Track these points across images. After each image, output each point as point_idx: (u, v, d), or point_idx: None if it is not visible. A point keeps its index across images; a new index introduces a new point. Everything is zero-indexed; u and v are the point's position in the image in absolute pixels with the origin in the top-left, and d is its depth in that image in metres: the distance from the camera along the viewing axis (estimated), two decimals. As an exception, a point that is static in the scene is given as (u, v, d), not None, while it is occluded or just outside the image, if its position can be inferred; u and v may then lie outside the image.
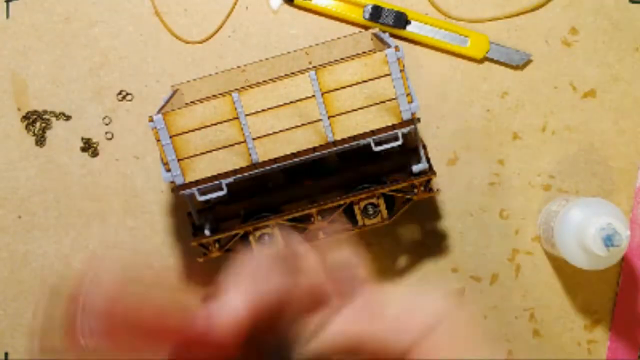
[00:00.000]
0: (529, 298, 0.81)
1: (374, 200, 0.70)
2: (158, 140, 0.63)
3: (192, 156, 0.63)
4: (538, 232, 0.80)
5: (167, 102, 0.70)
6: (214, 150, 0.63)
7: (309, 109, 0.63)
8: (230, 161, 0.64)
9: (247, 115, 0.63)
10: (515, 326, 0.81)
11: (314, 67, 0.78)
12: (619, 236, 0.67)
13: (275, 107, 0.63)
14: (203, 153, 0.63)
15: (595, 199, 0.73)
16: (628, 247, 0.78)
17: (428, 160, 0.72)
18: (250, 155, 0.64)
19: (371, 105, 0.64)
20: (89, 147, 0.81)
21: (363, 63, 0.63)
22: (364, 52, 0.78)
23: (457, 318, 0.42)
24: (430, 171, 0.71)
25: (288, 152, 0.64)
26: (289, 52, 0.78)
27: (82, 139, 0.81)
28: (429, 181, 0.70)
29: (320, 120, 0.64)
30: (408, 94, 0.64)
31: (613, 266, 0.73)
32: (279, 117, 0.63)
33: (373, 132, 0.64)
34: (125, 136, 0.81)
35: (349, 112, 0.64)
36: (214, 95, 0.78)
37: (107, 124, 0.81)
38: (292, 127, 0.64)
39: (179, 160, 0.63)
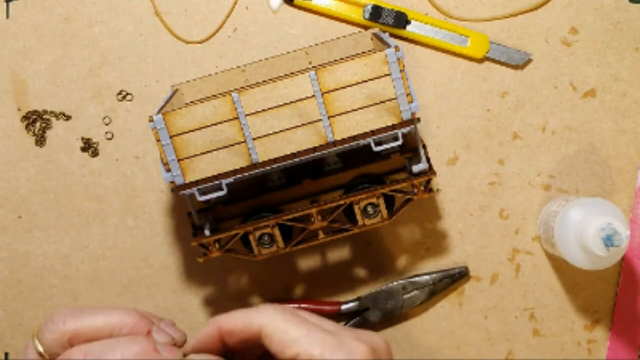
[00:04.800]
0: (529, 298, 0.81)
1: (374, 200, 0.70)
2: (158, 140, 0.62)
3: (192, 156, 0.63)
4: (538, 232, 0.80)
5: (167, 102, 0.70)
6: (214, 150, 0.63)
7: (309, 109, 0.63)
8: (230, 161, 0.64)
9: (247, 115, 0.63)
10: (515, 326, 0.81)
11: (314, 67, 0.78)
12: (619, 236, 0.67)
13: (275, 107, 0.63)
14: (203, 153, 0.63)
15: (595, 199, 0.73)
16: (628, 247, 0.78)
17: (428, 160, 0.72)
18: (250, 155, 0.64)
19: (371, 105, 0.64)
20: (89, 147, 0.81)
21: (363, 63, 0.63)
22: (364, 52, 0.78)
23: None
24: (430, 171, 0.71)
25: (288, 152, 0.64)
26: (289, 52, 0.78)
27: (82, 138, 0.81)
28: (429, 181, 0.70)
29: (320, 120, 0.63)
30: (408, 94, 0.64)
31: (613, 266, 0.73)
32: (279, 117, 0.63)
33: (373, 132, 0.64)
34: (125, 136, 0.81)
35: (349, 112, 0.64)
36: (213, 95, 0.78)
37: (107, 124, 0.81)
38: (292, 127, 0.64)
39: (179, 160, 0.63)
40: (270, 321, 0.54)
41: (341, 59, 0.78)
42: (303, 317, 0.56)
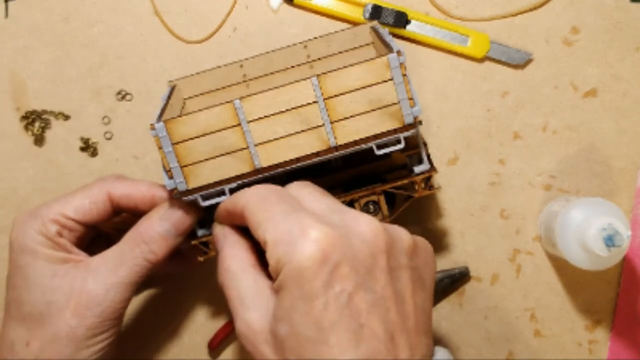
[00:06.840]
0: (529, 298, 0.81)
1: (374, 198, 0.70)
2: (160, 148, 0.62)
3: (195, 163, 0.63)
4: (539, 232, 0.80)
5: (167, 102, 0.70)
6: (217, 156, 0.63)
7: (311, 115, 0.63)
8: (234, 167, 0.64)
9: (249, 122, 0.62)
10: (515, 326, 0.81)
11: (313, 60, 0.78)
12: (620, 236, 0.67)
13: (277, 113, 0.63)
14: (206, 160, 0.63)
15: (595, 199, 0.73)
16: (629, 247, 0.79)
17: (429, 160, 0.72)
18: (253, 161, 0.64)
19: (373, 110, 0.63)
20: (88, 147, 0.81)
21: (365, 69, 0.62)
22: (364, 49, 0.78)
23: None
24: (431, 168, 0.70)
25: (291, 158, 0.64)
26: (287, 47, 0.77)
27: (82, 138, 0.81)
28: (429, 178, 0.70)
29: (323, 125, 0.63)
30: (410, 98, 0.63)
31: (614, 266, 0.74)
32: (281, 123, 0.63)
33: (375, 137, 0.64)
34: (125, 136, 0.81)
35: (351, 117, 0.63)
36: (211, 91, 0.78)
37: (106, 124, 0.81)
38: (295, 133, 0.63)
39: (181, 167, 0.63)
40: (248, 202, 0.57)
41: (339, 52, 0.78)
42: (283, 197, 0.57)
